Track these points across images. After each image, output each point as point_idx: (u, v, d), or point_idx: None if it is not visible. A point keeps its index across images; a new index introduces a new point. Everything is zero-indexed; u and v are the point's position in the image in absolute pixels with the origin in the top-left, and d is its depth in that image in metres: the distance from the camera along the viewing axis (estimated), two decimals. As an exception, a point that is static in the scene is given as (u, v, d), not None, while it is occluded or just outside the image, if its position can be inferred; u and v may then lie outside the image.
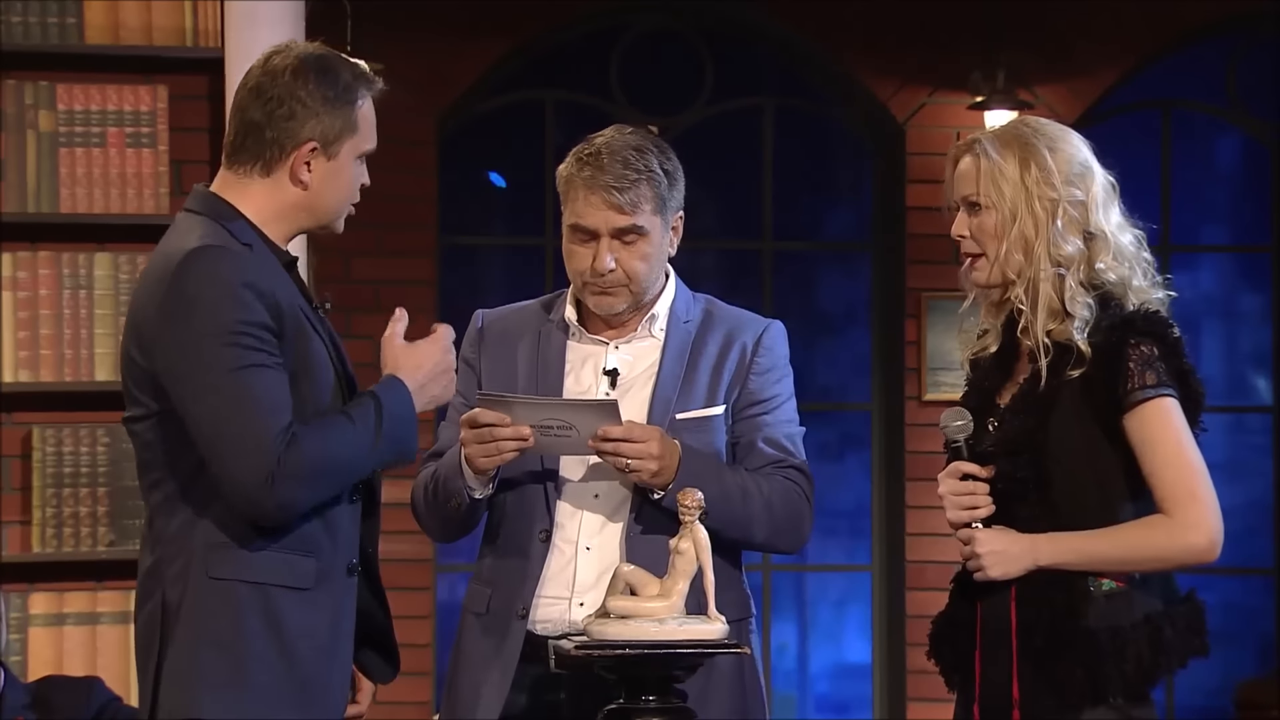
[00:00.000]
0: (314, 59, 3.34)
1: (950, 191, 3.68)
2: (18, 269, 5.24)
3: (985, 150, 3.60)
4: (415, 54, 7.64)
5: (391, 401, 3.32)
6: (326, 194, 3.36)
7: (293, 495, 3.21)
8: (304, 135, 3.32)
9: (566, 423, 3.65)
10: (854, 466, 8.52)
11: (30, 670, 5.11)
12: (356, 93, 3.35)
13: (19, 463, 5.25)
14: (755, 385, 3.83)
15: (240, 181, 3.35)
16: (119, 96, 5.30)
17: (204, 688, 3.24)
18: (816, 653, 8.63)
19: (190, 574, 3.26)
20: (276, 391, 3.21)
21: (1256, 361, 8.73)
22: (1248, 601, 8.67)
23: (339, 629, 3.33)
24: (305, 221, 3.38)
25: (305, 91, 3.31)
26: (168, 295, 3.23)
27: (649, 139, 3.83)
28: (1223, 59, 8.50)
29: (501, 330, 3.87)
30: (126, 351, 3.32)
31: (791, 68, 8.45)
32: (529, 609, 3.73)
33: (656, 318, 3.85)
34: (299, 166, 3.32)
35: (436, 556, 7.84)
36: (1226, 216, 8.80)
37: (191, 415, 3.22)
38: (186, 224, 3.34)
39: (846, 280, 8.68)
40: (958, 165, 3.67)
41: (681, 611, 3.45)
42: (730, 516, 3.72)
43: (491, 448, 3.65)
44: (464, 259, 8.27)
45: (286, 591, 3.27)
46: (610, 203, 3.75)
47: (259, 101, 3.32)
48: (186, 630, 3.26)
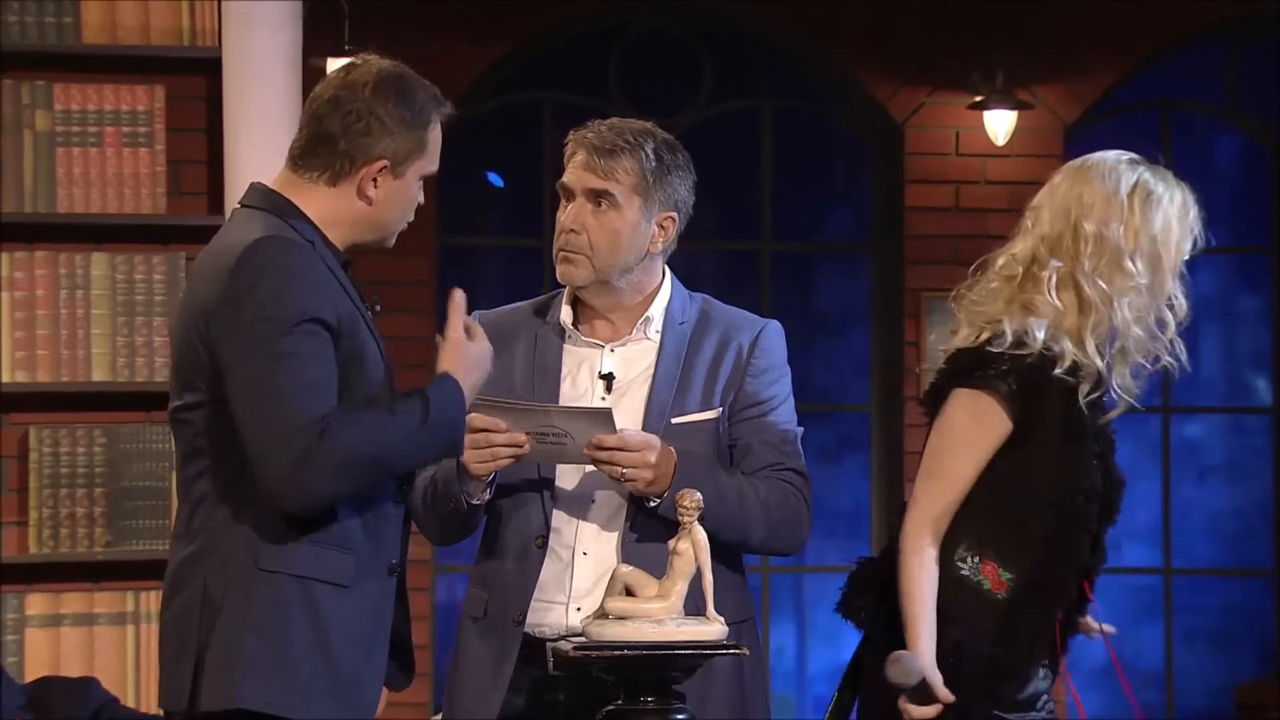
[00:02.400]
0: (394, 78, 3.37)
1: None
2: (14, 269, 5.23)
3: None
4: (413, 55, 7.52)
5: (440, 396, 3.34)
6: (388, 211, 3.39)
7: (319, 485, 3.21)
8: (376, 152, 3.34)
9: (562, 430, 3.63)
10: (852, 467, 8.52)
11: (27, 671, 5.10)
12: (430, 115, 3.39)
13: (16, 463, 5.24)
14: (752, 387, 3.79)
15: (305, 186, 3.36)
16: (116, 96, 5.29)
17: (248, 677, 3.24)
18: (815, 654, 8.62)
19: (235, 564, 3.26)
20: (319, 381, 3.22)
21: (1256, 362, 8.72)
22: (1248, 603, 8.67)
23: (376, 628, 3.34)
24: (364, 234, 3.41)
25: (384, 110, 3.33)
26: (230, 281, 3.25)
27: (662, 134, 3.80)
28: (1222, 60, 8.49)
29: (497, 333, 3.83)
30: (189, 339, 3.31)
31: (790, 68, 8.45)
32: (525, 614, 3.72)
33: (651, 320, 3.81)
34: (367, 182, 3.35)
35: (435, 558, 7.84)
36: (1226, 217, 8.78)
37: (234, 399, 3.23)
38: (247, 218, 3.36)
39: (845, 281, 8.68)
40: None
41: (680, 613, 3.44)
42: (726, 520, 3.69)
43: (487, 453, 3.63)
44: (462, 259, 8.27)
45: (327, 587, 3.27)
46: (588, 163, 3.73)
47: (337, 113, 3.34)
48: (233, 620, 3.26)
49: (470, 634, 3.79)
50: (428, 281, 7.89)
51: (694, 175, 3.82)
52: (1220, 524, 8.61)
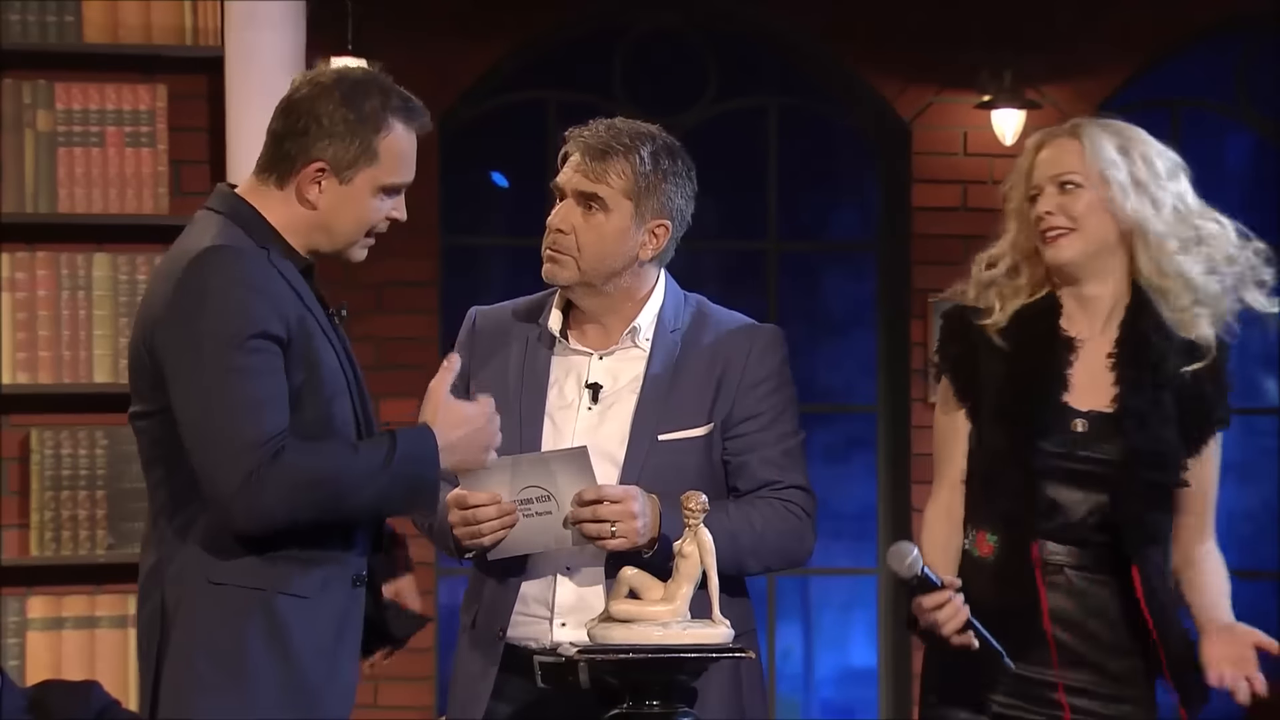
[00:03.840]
0: (347, 81, 3.30)
1: (1035, 171, 3.75)
2: (16, 270, 5.22)
3: (1090, 134, 3.71)
4: (417, 53, 7.60)
5: (409, 442, 3.25)
6: (336, 218, 3.31)
7: (266, 507, 3.15)
8: (314, 153, 3.27)
9: (543, 490, 3.56)
10: (859, 469, 8.50)
11: (28, 675, 5.09)
12: (383, 121, 3.28)
13: (17, 465, 5.23)
14: (748, 400, 3.67)
15: (261, 189, 3.32)
16: (118, 96, 5.28)
17: (200, 692, 3.21)
18: (822, 657, 8.60)
19: (188, 576, 3.24)
20: (269, 398, 3.16)
21: (1266, 363, 8.69)
22: (1257, 605, 8.63)
23: (341, 640, 3.30)
24: (321, 241, 3.33)
25: (324, 111, 3.27)
26: (176, 292, 3.20)
27: (664, 138, 3.71)
28: (1231, 58, 8.47)
29: (494, 333, 3.78)
30: (137, 347, 3.29)
31: (796, 67, 8.43)
32: (506, 628, 3.67)
33: (639, 329, 3.71)
34: (306, 184, 3.28)
35: (438, 560, 7.81)
36: (1236, 216, 8.73)
37: (180, 414, 3.19)
38: (205, 222, 3.32)
39: (852, 281, 8.65)
40: (1050, 146, 3.75)
41: (685, 615, 3.42)
42: (721, 560, 3.55)
43: (474, 530, 3.57)
44: (466, 260, 8.25)
45: (286, 598, 3.23)
46: (579, 164, 3.66)
47: (283, 114, 3.31)
48: (183, 634, 3.23)
49: (464, 641, 3.77)
50: (431, 282, 7.87)
51: (695, 185, 3.72)
52: (1231, 526, 8.56)
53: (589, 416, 3.69)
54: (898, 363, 8.25)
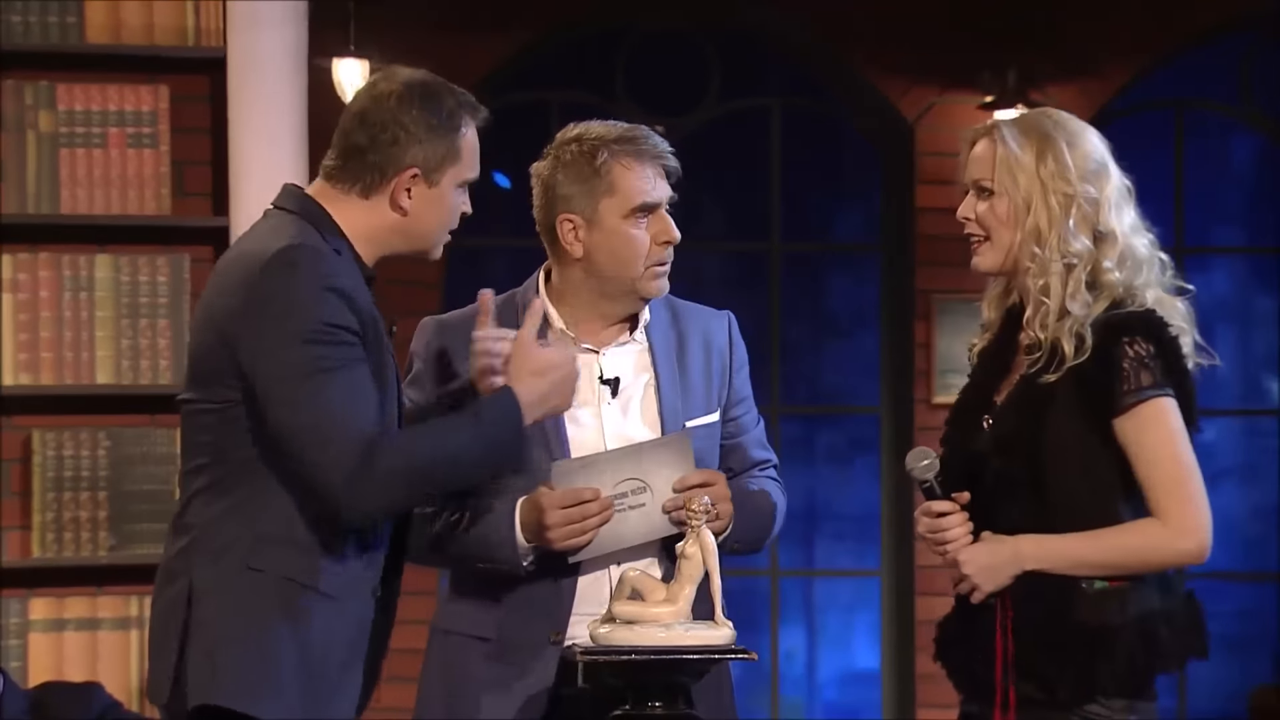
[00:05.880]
0: (419, 85, 3.38)
1: (963, 173, 3.65)
2: (18, 271, 5.21)
3: (1004, 137, 3.57)
4: (419, 54, 7.55)
5: (492, 411, 3.35)
6: (425, 220, 3.39)
7: (372, 497, 3.23)
8: (406, 161, 3.35)
9: (639, 481, 3.58)
10: (862, 470, 8.50)
11: (30, 676, 5.09)
12: (460, 120, 3.39)
13: (18, 467, 5.22)
14: (737, 383, 3.79)
15: (339, 197, 3.37)
16: (120, 96, 5.27)
17: (227, 673, 3.24)
18: (825, 659, 8.59)
19: (226, 561, 3.26)
20: (361, 393, 3.24)
21: (1269, 364, 8.69)
22: (1262, 607, 8.63)
23: (355, 647, 3.34)
24: (399, 245, 3.41)
25: (410, 118, 3.35)
26: (255, 291, 3.25)
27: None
28: (1235, 59, 8.47)
29: (466, 341, 3.71)
30: (207, 340, 3.31)
31: (799, 67, 8.43)
32: (564, 632, 3.64)
33: (641, 321, 3.76)
34: (400, 192, 3.36)
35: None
36: (1240, 217, 8.77)
37: (275, 416, 3.23)
38: (277, 221, 3.36)
39: (855, 282, 8.65)
40: (974, 147, 3.63)
41: (688, 617, 3.43)
42: (755, 534, 3.71)
43: (578, 528, 3.56)
44: (469, 260, 8.24)
45: (314, 594, 3.27)
46: (661, 171, 3.71)
47: (364, 126, 3.35)
48: (216, 615, 3.26)
49: (469, 655, 3.68)
50: (434, 283, 7.87)
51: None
52: (1234, 527, 8.57)
53: (611, 411, 3.71)
54: (901, 364, 8.25)
